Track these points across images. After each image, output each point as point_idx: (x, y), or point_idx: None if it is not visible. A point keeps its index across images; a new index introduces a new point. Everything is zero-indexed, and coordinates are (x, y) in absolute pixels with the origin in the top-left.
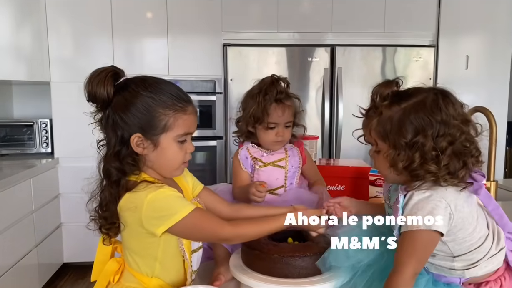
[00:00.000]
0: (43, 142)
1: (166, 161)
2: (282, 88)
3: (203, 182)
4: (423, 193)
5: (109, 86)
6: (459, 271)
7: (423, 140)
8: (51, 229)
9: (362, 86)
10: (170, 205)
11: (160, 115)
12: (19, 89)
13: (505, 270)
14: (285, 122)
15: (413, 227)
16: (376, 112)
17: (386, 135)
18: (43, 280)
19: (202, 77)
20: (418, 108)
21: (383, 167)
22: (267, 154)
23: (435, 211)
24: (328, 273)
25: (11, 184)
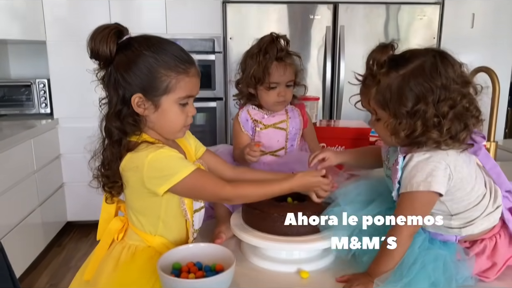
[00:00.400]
0: (42, 103)
1: (167, 122)
2: (282, 46)
3: (203, 143)
4: (423, 154)
5: (112, 43)
6: (456, 229)
7: (425, 108)
8: (53, 189)
9: (365, 45)
10: (171, 165)
11: (162, 77)
12: (15, 48)
13: (500, 228)
14: (287, 81)
15: (412, 189)
16: (374, 81)
17: (386, 104)
18: (48, 238)
19: (201, 36)
20: (418, 74)
21: (385, 135)
22: (268, 115)
23: (434, 172)
24: (326, 232)
25: (12, 144)
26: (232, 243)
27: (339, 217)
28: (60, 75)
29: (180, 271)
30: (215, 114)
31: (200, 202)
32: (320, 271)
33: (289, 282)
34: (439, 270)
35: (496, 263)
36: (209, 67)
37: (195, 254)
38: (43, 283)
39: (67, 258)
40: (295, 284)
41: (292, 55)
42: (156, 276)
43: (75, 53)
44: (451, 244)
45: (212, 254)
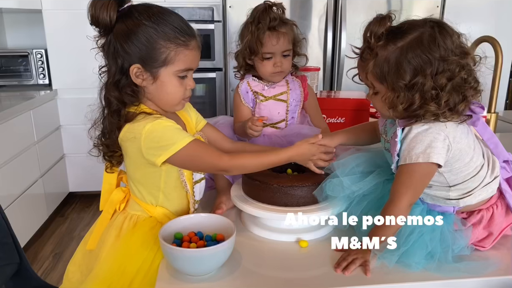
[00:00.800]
0: (40, 74)
1: (165, 95)
2: (275, 15)
3: (203, 115)
4: (422, 126)
5: (112, 11)
6: (454, 200)
7: (423, 80)
8: (54, 160)
9: (367, 14)
10: (168, 136)
11: (161, 48)
12: (11, 18)
13: (497, 198)
14: (282, 51)
15: (411, 161)
16: (372, 54)
17: (384, 78)
18: (51, 209)
19: (200, 4)
20: (416, 46)
21: (382, 108)
22: (268, 87)
23: (433, 143)
24: (325, 202)
25: (11, 115)
26: (232, 213)
27: (337, 188)
28: (58, 45)
29: (181, 241)
30: (215, 85)
31: (200, 174)
32: (319, 241)
33: (288, 251)
34: (436, 240)
35: (492, 233)
36: (208, 36)
37: (196, 224)
38: (47, 252)
39: (70, 227)
40: (294, 253)
41: (288, 24)
42: (157, 245)
43: (71, 23)
44: (449, 215)
45: (213, 224)
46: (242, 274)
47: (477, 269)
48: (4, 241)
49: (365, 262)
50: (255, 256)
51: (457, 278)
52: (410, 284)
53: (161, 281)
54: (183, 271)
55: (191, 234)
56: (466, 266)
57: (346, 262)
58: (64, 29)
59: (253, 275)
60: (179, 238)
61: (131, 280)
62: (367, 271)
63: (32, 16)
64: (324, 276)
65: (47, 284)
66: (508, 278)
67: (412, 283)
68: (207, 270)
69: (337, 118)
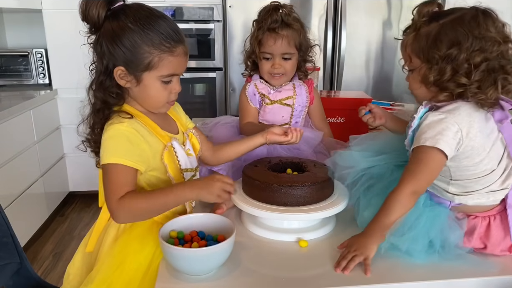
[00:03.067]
0: (40, 73)
1: (148, 98)
2: (277, 17)
3: (203, 115)
4: (438, 115)
5: (102, 8)
6: (450, 195)
7: (457, 53)
8: (54, 160)
9: (367, 14)
10: (110, 146)
11: (145, 53)
12: (11, 17)
13: (498, 212)
14: (281, 53)
15: (419, 143)
16: (416, 30)
17: (421, 50)
18: (51, 208)
19: (200, 4)
20: (456, 22)
21: (415, 85)
22: (274, 90)
23: (444, 131)
24: (325, 201)
25: (11, 115)
26: (232, 213)
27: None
28: (58, 45)
29: (184, 240)
30: (215, 85)
31: (191, 172)
32: (319, 240)
33: (288, 251)
34: (437, 228)
35: (487, 246)
36: (208, 36)
37: (196, 223)
38: (47, 252)
39: (70, 227)
40: (294, 253)
41: (292, 27)
42: (156, 244)
43: (71, 23)
44: (444, 207)
45: (213, 224)
46: (242, 273)
47: (477, 269)
48: (4, 240)
49: (365, 259)
50: (255, 256)
51: (457, 278)
52: (410, 284)
53: (161, 281)
54: (183, 271)
55: (193, 233)
56: (466, 266)
57: (346, 260)
58: (64, 29)
59: (253, 275)
60: (181, 237)
61: (130, 280)
62: (367, 270)
63: (32, 16)
64: (324, 276)
65: (47, 283)
66: (508, 278)
67: (412, 283)
68: (207, 270)
69: (337, 118)
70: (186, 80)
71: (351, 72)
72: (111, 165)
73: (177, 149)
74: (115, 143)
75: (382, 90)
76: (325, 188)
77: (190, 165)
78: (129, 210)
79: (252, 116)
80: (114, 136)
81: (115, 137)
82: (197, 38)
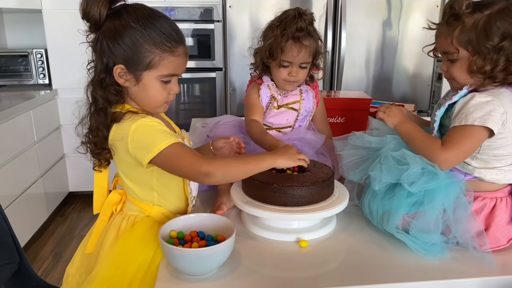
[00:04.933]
0: (40, 74)
1: (147, 97)
2: (303, 25)
3: (203, 115)
4: (485, 97)
5: (103, 7)
6: (471, 168)
7: (509, 44)
8: (54, 160)
9: (367, 14)
10: (152, 136)
11: (146, 52)
12: (11, 18)
13: (506, 195)
14: (300, 62)
15: (467, 122)
16: (458, 21)
17: (469, 42)
18: (51, 209)
19: (200, 4)
20: (504, 13)
21: (459, 75)
22: (282, 95)
23: (492, 112)
24: (325, 201)
25: (11, 115)
26: (232, 213)
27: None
28: (58, 45)
29: (184, 240)
30: (215, 85)
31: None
32: (319, 240)
33: (288, 251)
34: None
35: (490, 226)
36: (208, 36)
37: (196, 224)
38: (47, 252)
39: (70, 227)
40: (294, 253)
41: (313, 37)
42: (156, 245)
43: (71, 23)
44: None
45: (213, 224)
46: (242, 273)
47: (477, 269)
48: (4, 240)
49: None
50: (255, 256)
51: (457, 278)
52: (410, 284)
53: (161, 281)
54: (183, 271)
55: (193, 233)
56: (466, 266)
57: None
58: (64, 29)
59: (253, 275)
60: (181, 238)
61: (130, 280)
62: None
63: (32, 16)
64: (324, 276)
65: (47, 283)
66: (508, 278)
67: (412, 283)
68: (207, 270)
69: (337, 118)
70: (186, 80)
71: (351, 72)
72: (169, 148)
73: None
74: (156, 131)
75: (382, 90)
76: (325, 188)
77: None
78: (225, 165)
79: (260, 113)
80: (150, 127)
81: (151, 127)
82: (197, 38)
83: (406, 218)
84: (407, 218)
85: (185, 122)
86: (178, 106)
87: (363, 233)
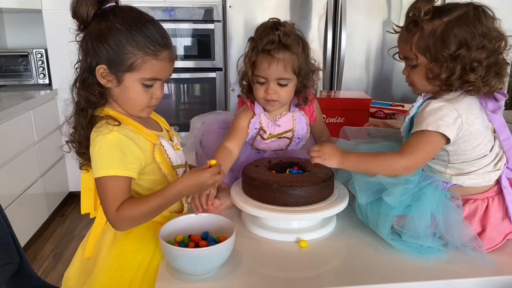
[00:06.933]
0: (40, 73)
1: (128, 99)
2: (274, 38)
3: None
4: (438, 102)
5: (91, 7)
6: (447, 176)
7: (466, 53)
8: (54, 160)
9: (367, 14)
10: (100, 159)
11: (128, 54)
12: (11, 18)
13: (496, 193)
14: (276, 78)
15: (421, 128)
16: (417, 27)
17: (428, 49)
18: (51, 208)
19: (200, 4)
20: (461, 21)
21: (418, 81)
22: (273, 124)
23: (445, 117)
24: (325, 201)
25: (11, 115)
26: (232, 213)
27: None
28: (58, 45)
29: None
30: (215, 85)
31: (182, 168)
32: (319, 240)
33: (288, 251)
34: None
35: (486, 228)
36: (208, 36)
37: (196, 224)
38: (47, 252)
39: (70, 227)
40: (294, 253)
41: (290, 50)
42: (155, 245)
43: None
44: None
45: (213, 224)
46: (242, 273)
47: (477, 269)
48: (4, 240)
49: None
50: (255, 256)
51: (457, 278)
52: (410, 284)
53: (161, 281)
54: (183, 271)
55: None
56: (466, 266)
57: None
58: (64, 29)
59: (253, 275)
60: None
61: (130, 282)
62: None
63: (32, 16)
64: (324, 276)
65: (47, 283)
66: (508, 278)
67: (412, 283)
68: (207, 270)
69: (337, 118)
70: (186, 80)
71: (351, 72)
72: (106, 178)
73: (166, 146)
74: (107, 155)
75: (382, 90)
76: (325, 188)
77: (180, 160)
78: (129, 218)
79: (238, 141)
80: (105, 148)
81: (107, 148)
82: (197, 38)
83: (396, 226)
84: (396, 226)
85: (185, 122)
86: (178, 106)
87: (363, 233)
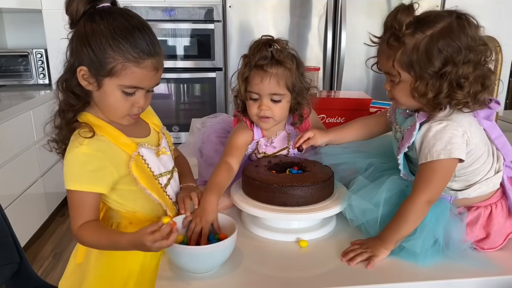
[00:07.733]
0: (40, 74)
1: (106, 105)
2: (267, 54)
3: (203, 115)
4: (440, 123)
5: (81, 5)
6: (453, 191)
7: (452, 69)
8: (54, 160)
9: (367, 14)
10: (70, 171)
11: (109, 58)
12: (11, 18)
13: (499, 198)
14: (269, 93)
15: (432, 158)
16: (399, 42)
17: (411, 66)
18: (51, 208)
19: (199, 4)
20: (445, 34)
21: (401, 97)
22: (268, 144)
23: (453, 139)
24: (325, 201)
25: (11, 115)
26: (232, 213)
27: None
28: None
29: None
30: (215, 85)
31: (167, 175)
32: (319, 240)
33: (288, 251)
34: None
35: (490, 234)
36: (208, 36)
37: None
38: (47, 252)
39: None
40: (294, 253)
41: (283, 65)
42: None
43: None
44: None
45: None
46: (242, 272)
47: (477, 269)
48: (4, 240)
49: (371, 257)
50: (255, 256)
51: (457, 278)
52: (410, 284)
53: (162, 279)
54: (184, 268)
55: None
56: (466, 266)
57: (354, 253)
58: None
59: (253, 274)
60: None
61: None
62: (370, 264)
63: (32, 16)
64: (324, 276)
65: (47, 283)
66: (508, 278)
67: (412, 283)
68: (209, 268)
69: (337, 118)
70: (186, 80)
71: (351, 72)
72: (71, 191)
73: (146, 155)
74: (74, 168)
75: (382, 90)
76: (325, 188)
77: (164, 167)
78: (85, 242)
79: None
80: (73, 162)
81: (74, 162)
82: (197, 38)
83: None
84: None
85: (185, 122)
86: (178, 106)
87: (363, 233)
